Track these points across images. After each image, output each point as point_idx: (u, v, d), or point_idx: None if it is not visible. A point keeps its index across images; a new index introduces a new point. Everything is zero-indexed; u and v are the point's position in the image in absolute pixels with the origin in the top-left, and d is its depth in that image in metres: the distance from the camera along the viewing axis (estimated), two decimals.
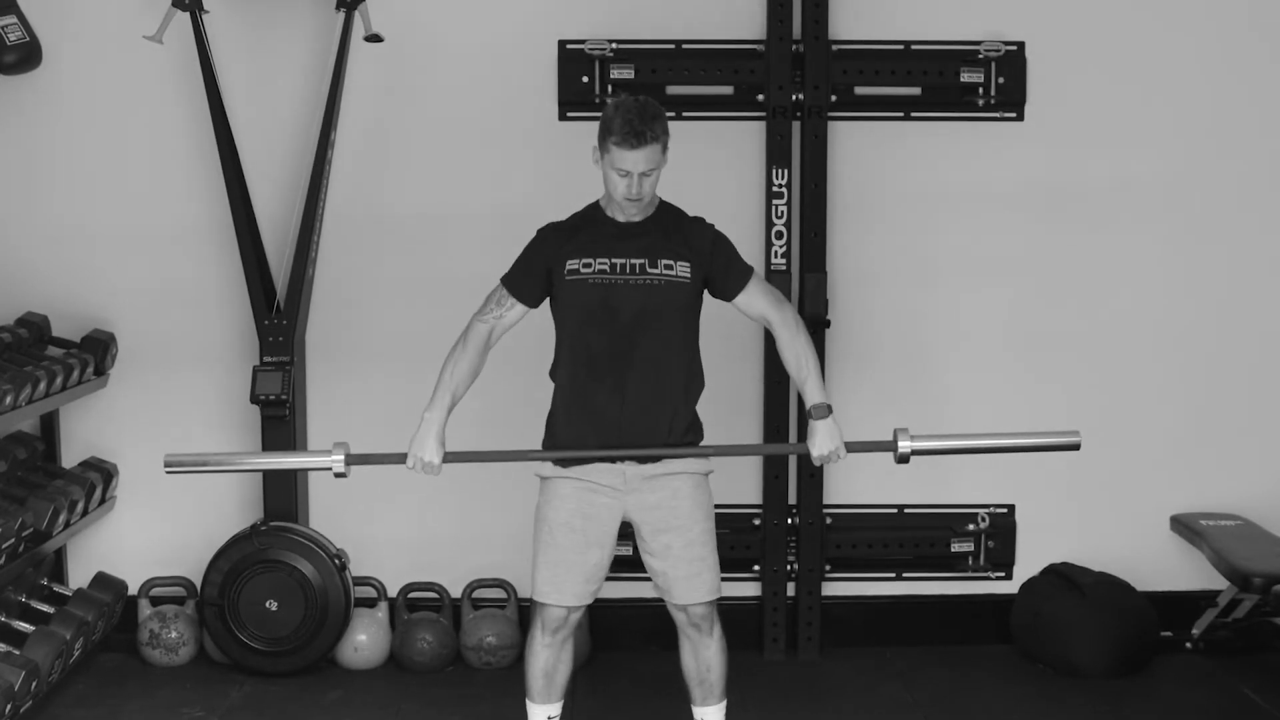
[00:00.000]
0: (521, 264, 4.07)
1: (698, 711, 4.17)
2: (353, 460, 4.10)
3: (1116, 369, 5.36)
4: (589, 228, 4.02)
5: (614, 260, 3.96)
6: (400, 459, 4.05)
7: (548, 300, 4.08)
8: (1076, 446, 4.17)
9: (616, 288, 3.95)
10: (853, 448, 4.05)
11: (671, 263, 3.96)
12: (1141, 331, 5.35)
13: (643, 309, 3.94)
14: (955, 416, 5.35)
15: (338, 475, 4.09)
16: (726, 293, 4.04)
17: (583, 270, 3.96)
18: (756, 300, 4.04)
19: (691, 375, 4.04)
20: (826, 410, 3.99)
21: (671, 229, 4.01)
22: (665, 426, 3.98)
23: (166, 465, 4.14)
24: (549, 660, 4.08)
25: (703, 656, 4.10)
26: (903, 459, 4.09)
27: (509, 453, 4.13)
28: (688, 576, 4.03)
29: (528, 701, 4.14)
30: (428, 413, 4.04)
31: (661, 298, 3.95)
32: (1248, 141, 5.31)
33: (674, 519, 4.02)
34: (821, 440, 4.00)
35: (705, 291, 4.06)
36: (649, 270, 3.95)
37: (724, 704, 4.15)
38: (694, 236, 4.02)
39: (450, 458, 4.06)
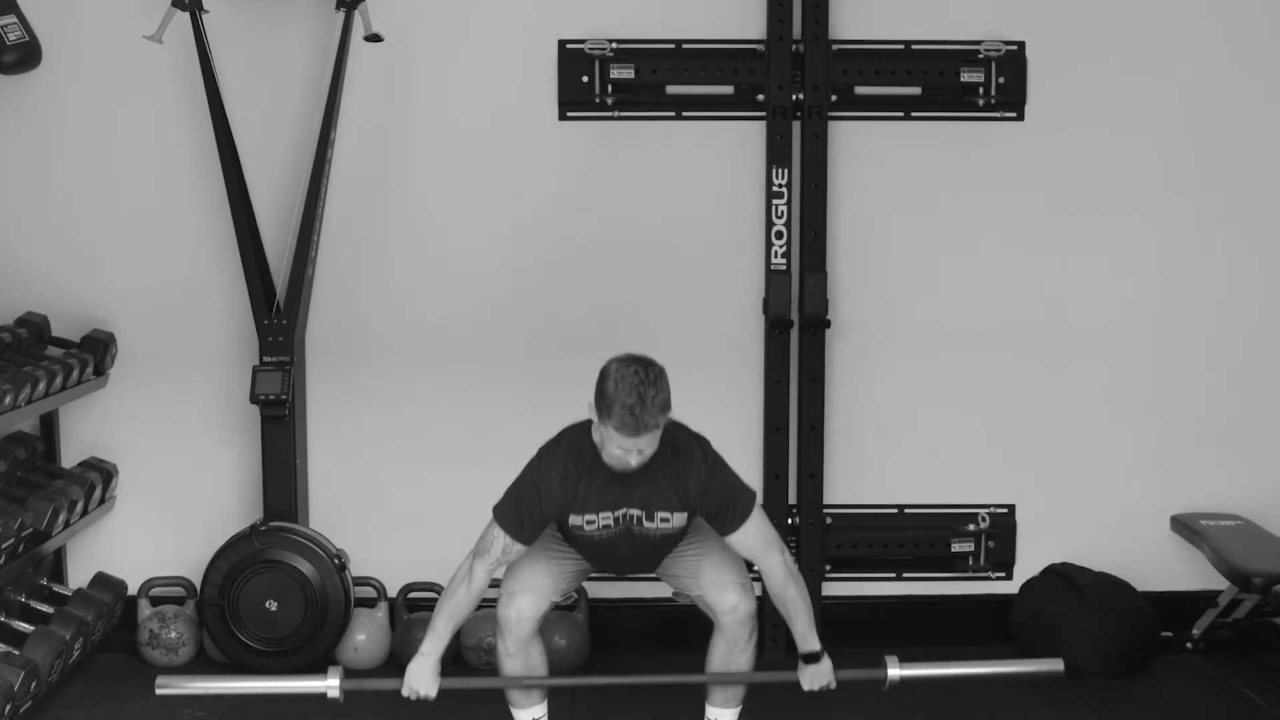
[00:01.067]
0: (520, 512, 4.00)
1: (713, 711, 4.17)
2: (348, 687, 4.11)
3: (1117, 368, 5.36)
4: (587, 478, 3.94)
5: (616, 515, 3.98)
6: (396, 688, 4.07)
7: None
8: (1060, 675, 4.24)
9: (618, 538, 4.02)
10: (843, 678, 4.11)
11: (668, 515, 3.99)
12: (1141, 331, 5.35)
13: (641, 551, 4.07)
14: (956, 416, 5.35)
15: (332, 699, 4.09)
16: (719, 531, 4.05)
17: (586, 528, 4.00)
18: (748, 545, 4.05)
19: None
20: (818, 655, 4.08)
21: (665, 473, 3.94)
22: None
23: (159, 688, 4.19)
24: (514, 668, 4.12)
25: (735, 661, 4.13)
26: (892, 686, 4.15)
27: (507, 679, 4.14)
28: (716, 566, 4.10)
29: (511, 709, 4.20)
30: (426, 646, 4.06)
31: (659, 544, 4.06)
32: (1248, 142, 5.30)
33: (691, 536, 4.09)
34: (812, 677, 4.10)
35: None
36: (646, 524, 3.99)
37: (740, 710, 4.19)
38: (688, 486, 3.95)
39: (447, 686, 4.09)
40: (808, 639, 4.07)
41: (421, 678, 4.04)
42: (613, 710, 4.81)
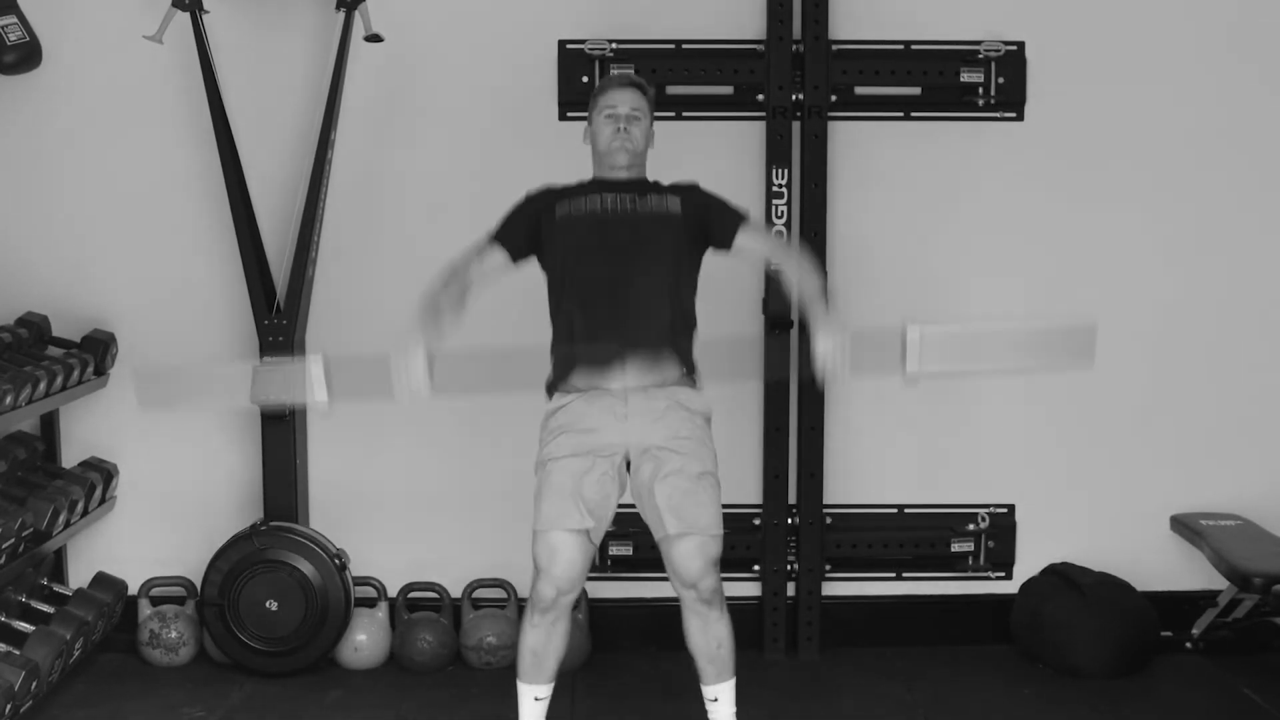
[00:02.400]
0: (509, 217, 4.20)
1: (710, 690, 4.15)
2: (332, 360, 3.99)
3: (1117, 368, 5.35)
4: (577, 186, 4.16)
5: (605, 200, 4.07)
6: (381, 364, 3.91)
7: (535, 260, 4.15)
8: (1091, 338, 4.03)
9: (607, 222, 4.05)
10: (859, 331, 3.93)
11: (662, 199, 4.09)
12: (1141, 331, 5.35)
13: (633, 237, 4.04)
14: (956, 416, 5.35)
15: (319, 404, 4.03)
16: (725, 236, 4.10)
17: (573, 212, 4.07)
18: (758, 243, 4.15)
19: (685, 309, 4.10)
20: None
21: (661, 186, 4.16)
22: (664, 345, 4.02)
23: (140, 400, 4.13)
24: (537, 640, 4.07)
25: (713, 631, 4.09)
26: (910, 346, 3.92)
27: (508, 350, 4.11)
28: (683, 506, 3.98)
29: (517, 681, 4.15)
30: (411, 338, 3.93)
31: (651, 227, 4.06)
32: (1248, 141, 5.30)
33: (676, 443, 4.01)
34: (825, 335, 3.89)
35: (705, 249, 4.13)
36: (638, 205, 4.07)
37: (734, 681, 4.15)
38: (683, 188, 4.16)
39: (440, 385, 3.89)
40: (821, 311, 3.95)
41: (414, 371, 3.87)
42: (613, 710, 4.81)
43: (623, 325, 4.01)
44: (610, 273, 4.03)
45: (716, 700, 4.16)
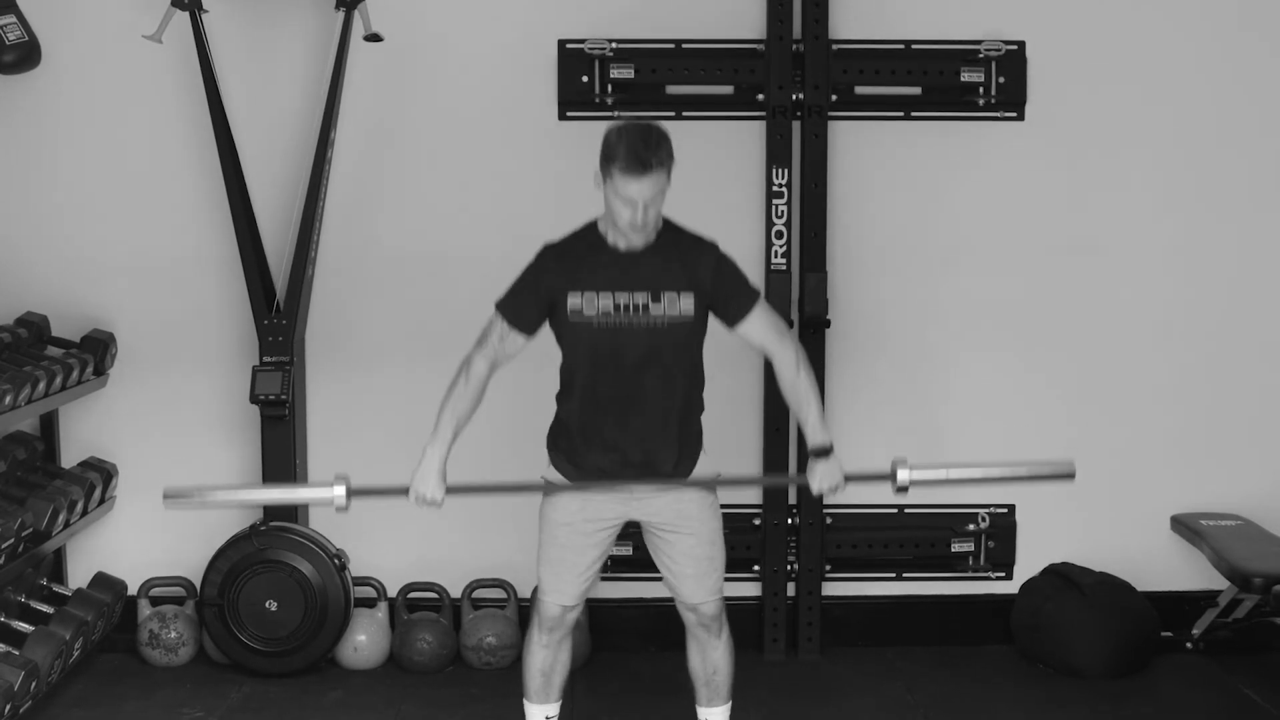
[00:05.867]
0: (521, 293, 3.95)
1: (702, 712, 4.17)
2: (355, 493, 4.07)
3: (1117, 369, 5.36)
4: (590, 257, 3.89)
5: (617, 298, 3.86)
6: (402, 492, 4.01)
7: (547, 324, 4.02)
8: (1072, 476, 4.16)
9: (621, 331, 3.87)
10: (853, 479, 4.00)
11: (675, 296, 3.87)
12: (1142, 331, 5.35)
13: (648, 352, 3.89)
14: (956, 416, 5.35)
15: (339, 510, 4.06)
16: (728, 320, 3.96)
17: (586, 312, 3.87)
18: (758, 332, 3.96)
19: (693, 401, 4.02)
20: (828, 450, 3.95)
21: (673, 256, 3.89)
22: (671, 456, 3.99)
23: (166, 497, 4.12)
24: (546, 660, 4.09)
25: (710, 658, 4.11)
26: (901, 489, 4.03)
27: (512, 485, 4.12)
28: (696, 575, 4.04)
29: (525, 701, 4.16)
30: (430, 448, 3.98)
31: (665, 339, 3.89)
32: (1248, 141, 5.31)
33: (683, 521, 4.04)
34: (822, 476, 3.96)
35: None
36: (652, 310, 3.86)
37: (729, 705, 4.16)
38: (696, 264, 3.90)
39: (453, 491, 4.03)
40: (818, 432, 3.94)
41: (427, 482, 3.96)
42: (613, 710, 4.81)
43: (630, 445, 3.97)
44: (620, 391, 3.92)
45: None
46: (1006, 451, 5.36)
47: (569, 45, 5.19)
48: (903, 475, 4.00)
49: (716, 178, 5.26)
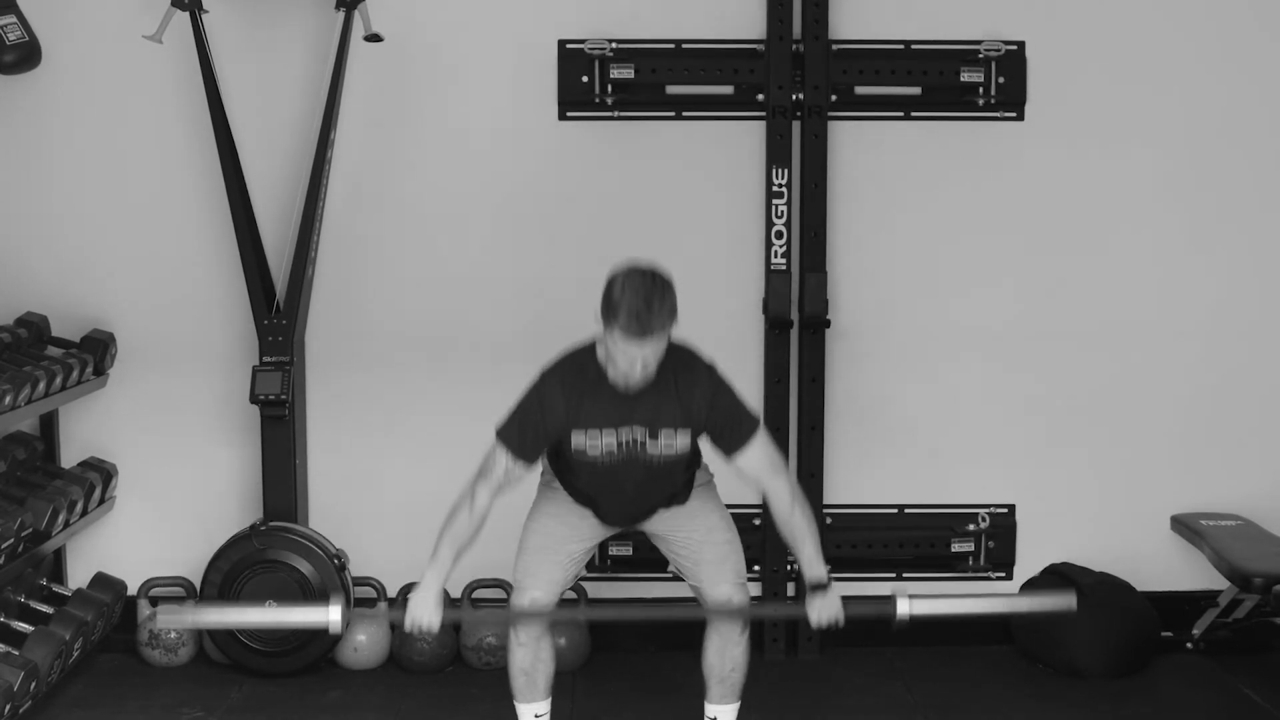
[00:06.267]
0: (525, 430, 3.95)
1: (712, 709, 4.17)
2: (349, 615, 4.08)
3: (1117, 369, 5.35)
4: (591, 393, 3.90)
5: (620, 434, 3.92)
6: (398, 618, 4.04)
7: None
8: (1072, 609, 4.21)
9: (620, 465, 3.96)
10: (851, 610, 4.05)
11: (672, 433, 3.94)
12: (1142, 331, 5.34)
13: (645, 477, 4.00)
14: (956, 416, 5.35)
15: (335, 633, 4.09)
16: (724, 452, 4.01)
17: (590, 452, 3.94)
18: (753, 467, 4.00)
19: (691, 469, 4.12)
20: (825, 584, 4.00)
21: (670, 392, 3.91)
22: (668, 501, 4.11)
23: (160, 615, 4.20)
24: (525, 658, 4.10)
25: (731, 654, 4.12)
26: (901, 625, 4.07)
27: (510, 612, 4.12)
28: (716, 560, 4.07)
29: (515, 702, 4.18)
30: (428, 574, 4.01)
31: (661, 467, 3.99)
32: (1249, 141, 5.30)
33: (687, 515, 4.08)
34: (820, 609, 4.02)
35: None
36: (649, 447, 3.94)
37: (738, 705, 4.18)
38: (692, 399, 3.92)
39: (450, 617, 4.08)
40: (815, 566, 3.99)
41: (424, 608, 3.98)
42: (613, 710, 4.81)
43: (628, 512, 4.13)
44: (618, 494, 4.05)
45: None
46: (1006, 451, 5.39)
47: (569, 45, 5.19)
48: (903, 607, 4.04)
49: (716, 178, 5.26)
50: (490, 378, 5.28)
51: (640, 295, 3.71)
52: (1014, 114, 5.26)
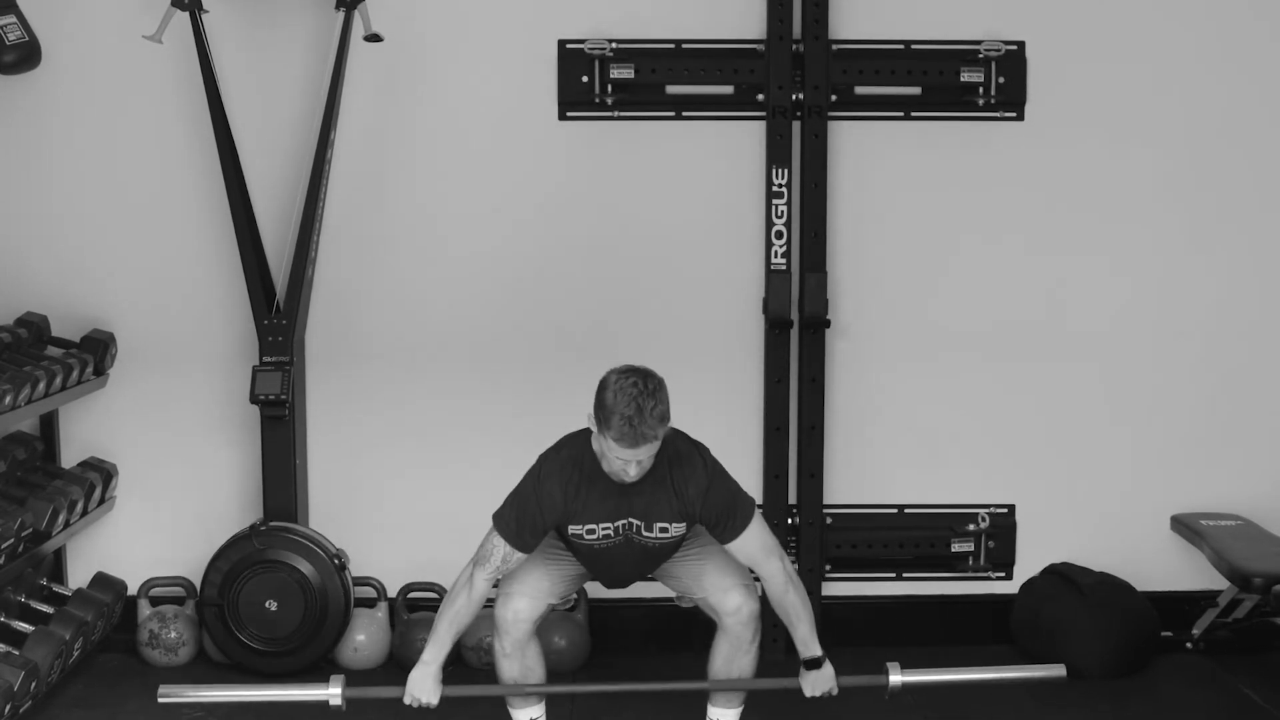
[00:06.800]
0: (521, 523, 3.98)
1: (714, 711, 4.18)
2: (350, 695, 4.10)
3: (1117, 369, 5.36)
4: (587, 488, 3.94)
5: (617, 525, 3.97)
6: (398, 695, 4.07)
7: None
8: (1062, 678, 4.26)
9: (616, 548, 4.01)
10: (845, 684, 4.10)
11: (666, 526, 3.99)
12: (1142, 331, 5.35)
13: (643, 557, 4.06)
14: (956, 416, 5.35)
15: (335, 708, 4.10)
16: (720, 539, 4.04)
17: (587, 538, 4.00)
18: (747, 553, 4.05)
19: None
20: (820, 661, 4.06)
21: (665, 486, 3.94)
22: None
23: (161, 697, 4.21)
24: (511, 670, 4.12)
25: (739, 662, 4.14)
26: (894, 692, 4.14)
27: (509, 687, 4.14)
28: (719, 569, 4.09)
29: (509, 708, 4.20)
30: (428, 654, 4.05)
31: (658, 550, 4.05)
32: (1249, 141, 5.30)
33: (691, 541, 4.10)
34: (814, 683, 4.09)
35: None
36: (644, 535, 3.99)
37: (741, 710, 4.20)
38: (686, 493, 3.95)
39: (449, 693, 4.09)
40: (809, 645, 4.07)
41: (423, 685, 4.03)
42: (612, 710, 4.80)
43: (627, 581, 4.23)
44: (619, 569, 4.14)
45: None
46: (1006, 451, 5.39)
47: (569, 45, 5.19)
48: (895, 680, 4.12)
49: (716, 178, 5.26)
50: (490, 377, 5.32)
51: (634, 404, 3.73)
52: (1014, 114, 5.26)
